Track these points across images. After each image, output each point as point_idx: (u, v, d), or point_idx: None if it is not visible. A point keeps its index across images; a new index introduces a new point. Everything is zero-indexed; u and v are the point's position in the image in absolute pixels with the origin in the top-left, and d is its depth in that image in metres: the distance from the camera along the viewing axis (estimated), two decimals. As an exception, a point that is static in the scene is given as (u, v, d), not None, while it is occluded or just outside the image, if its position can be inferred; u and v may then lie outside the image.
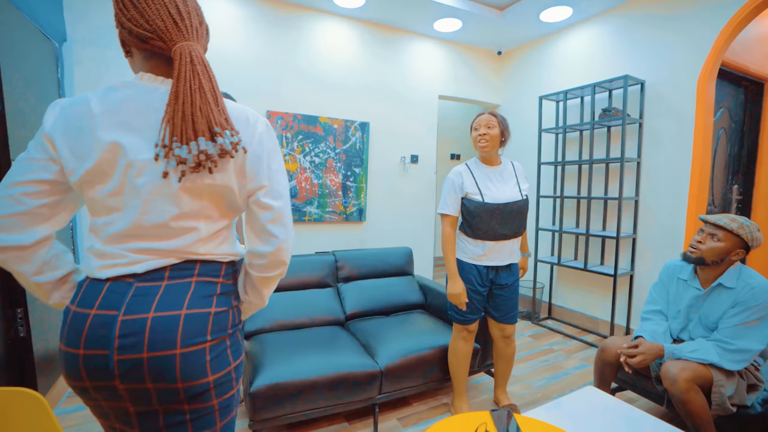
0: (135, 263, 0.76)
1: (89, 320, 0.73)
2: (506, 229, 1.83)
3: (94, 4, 2.48)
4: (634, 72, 2.90)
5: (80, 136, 0.74)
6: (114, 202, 0.76)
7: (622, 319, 3.04)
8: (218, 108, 0.75)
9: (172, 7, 0.76)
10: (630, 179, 2.99)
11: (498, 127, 1.83)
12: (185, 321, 0.75)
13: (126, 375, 0.72)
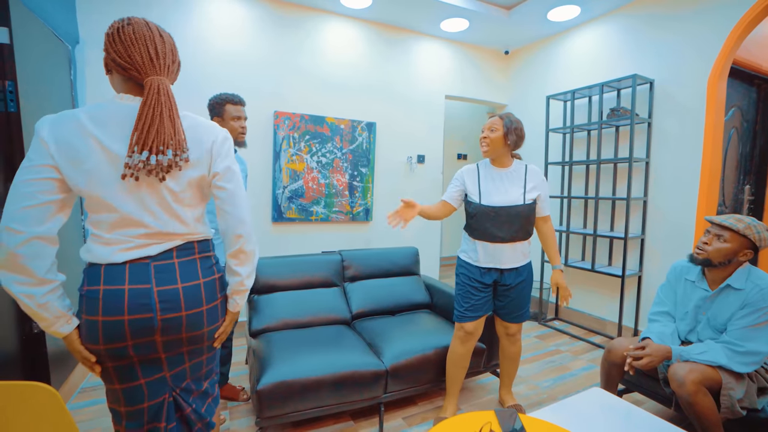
0: (145, 247, 0.98)
1: (126, 294, 0.93)
2: (501, 232, 1.81)
3: (105, 8, 2.52)
4: (643, 71, 2.87)
5: (74, 144, 0.90)
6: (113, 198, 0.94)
7: (630, 321, 3.02)
8: (174, 130, 0.95)
9: (152, 47, 0.95)
10: (638, 179, 2.96)
11: (501, 130, 1.81)
12: (205, 287, 1.05)
13: (166, 330, 0.98)
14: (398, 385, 2.00)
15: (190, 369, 1.09)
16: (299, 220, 3.17)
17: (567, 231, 3.30)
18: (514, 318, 1.96)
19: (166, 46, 0.99)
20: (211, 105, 1.95)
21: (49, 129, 0.90)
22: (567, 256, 3.35)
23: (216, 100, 1.94)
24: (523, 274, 1.93)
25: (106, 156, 0.92)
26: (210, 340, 1.09)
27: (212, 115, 1.95)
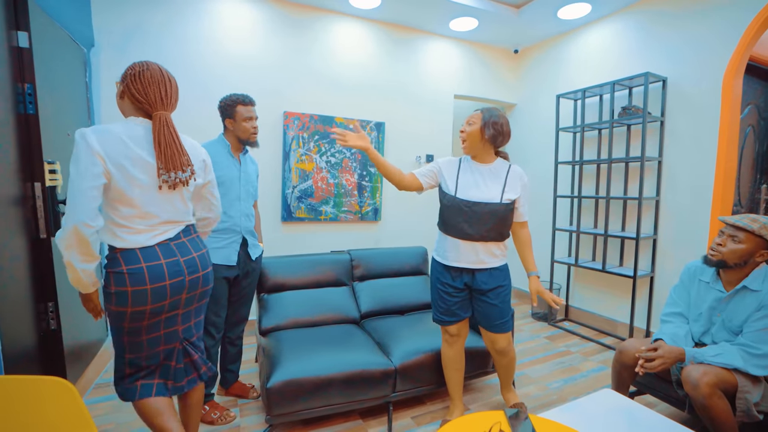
0: (166, 233, 1.32)
1: (164, 266, 1.28)
2: (472, 229, 1.72)
3: (120, 12, 2.57)
4: (656, 69, 2.83)
5: (123, 157, 1.21)
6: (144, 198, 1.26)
7: (641, 322, 2.97)
8: (185, 154, 1.32)
9: (163, 89, 1.28)
10: (651, 179, 2.92)
11: (478, 124, 1.73)
12: (207, 255, 1.45)
13: (190, 287, 1.36)
14: (407, 385, 2.00)
15: (195, 326, 1.46)
16: (308, 220, 3.20)
17: (577, 231, 3.26)
18: (495, 327, 1.83)
19: (172, 88, 1.33)
20: (222, 107, 1.96)
21: (99, 143, 1.17)
22: (577, 257, 3.32)
23: (227, 102, 1.95)
24: (498, 278, 1.80)
25: (146, 166, 1.25)
26: (209, 297, 1.50)
27: (224, 116, 1.96)
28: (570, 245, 3.53)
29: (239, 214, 1.98)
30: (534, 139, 3.93)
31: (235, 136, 1.97)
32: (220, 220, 1.75)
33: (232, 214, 1.96)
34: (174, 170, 1.27)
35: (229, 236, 1.96)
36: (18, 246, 1.64)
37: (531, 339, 3.14)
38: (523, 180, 1.81)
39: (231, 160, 1.97)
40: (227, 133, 1.99)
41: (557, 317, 3.58)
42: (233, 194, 1.96)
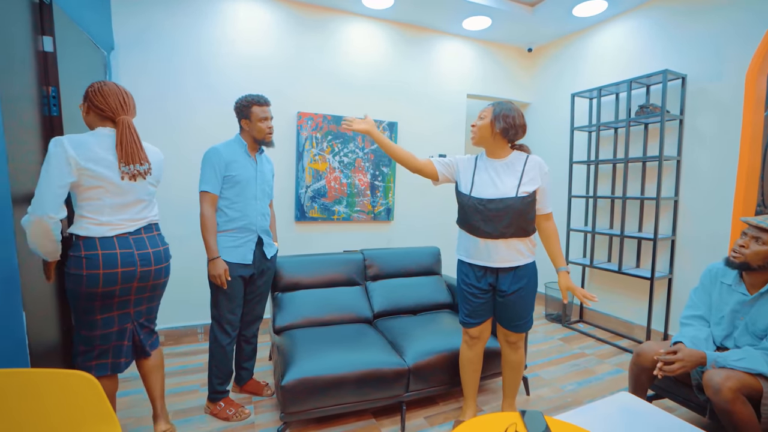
0: (126, 227, 1.51)
1: (119, 255, 1.46)
2: (488, 227, 1.67)
3: (139, 16, 2.63)
4: (675, 66, 2.77)
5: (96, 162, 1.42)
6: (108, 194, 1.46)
7: (659, 325, 2.92)
8: (143, 151, 1.53)
9: (121, 98, 1.51)
10: (669, 179, 2.86)
11: (488, 117, 1.69)
12: (164, 252, 1.63)
13: (141, 277, 1.53)
14: (420, 385, 2.00)
15: (146, 311, 1.65)
16: (321, 220, 3.22)
17: (592, 231, 3.22)
18: (513, 327, 1.81)
19: (129, 98, 1.55)
20: (237, 108, 1.99)
21: (72, 148, 1.37)
22: (592, 258, 3.27)
23: (242, 103, 1.97)
24: (523, 279, 1.74)
25: (110, 166, 1.46)
26: (163, 289, 1.68)
27: (240, 117, 1.98)
28: (585, 246, 3.48)
29: (255, 214, 2.00)
30: (548, 138, 3.88)
31: (251, 137, 1.99)
32: (233, 218, 1.93)
33: (248, 213, 1.98)
34: (132, 163, 1.48)
35: (245, 235, 1.99)
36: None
37: (545, 340, 3.11)
38: (543, 169, 1.72)
39: (248, 160, 1.99)
40: (243, 133, 2.01)
41: (571, 319, 3.54)
42: (249, 194, 1.98)
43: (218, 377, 2.01)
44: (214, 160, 1.90)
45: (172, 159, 2.77)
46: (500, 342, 1.93)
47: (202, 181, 1.92)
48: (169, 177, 2.75)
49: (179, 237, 2.83)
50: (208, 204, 1.90)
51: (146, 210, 1.59)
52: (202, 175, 1.92)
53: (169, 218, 2.79)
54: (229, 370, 2.05)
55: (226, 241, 1.94)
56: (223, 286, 1.90)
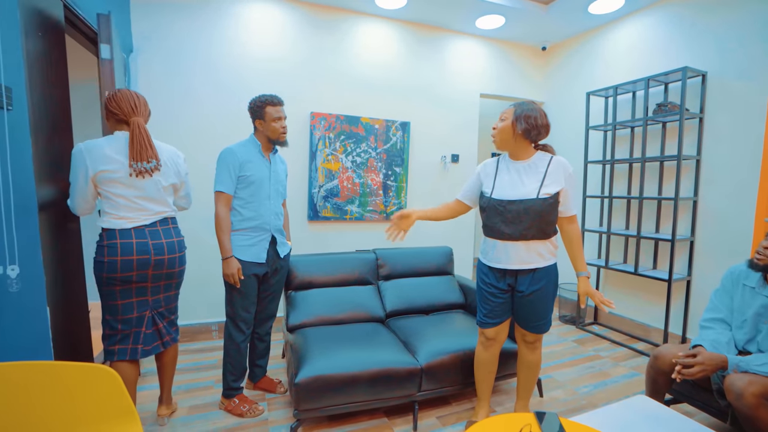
0: (142, 220, 1.65)
1: (134, 244, 1.62)
2: (509, 229, 1.66)
3: (155, 19, 2.68)
4: (694, 63, 2.71)
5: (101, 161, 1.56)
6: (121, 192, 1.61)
7: (677, 328, 2.86)
8: (150, 149, 1.63)
9: (132, 102, 1.64)
10: (688, 178, 2.80)
11: (510, 119, 1.67)
12: (177, 243, 1.76)
13: (156, 266, 1.67)
14: (433, 384, 2.00)
15: (165, 300, 1.79)
16: (334, 219, 3.23)
17: (608, 232, 3.17)
18: (531, 327, 1.80)
19: (140, 101, 1.67)
20: (251, 108, 2.00)
21: (89, 158, 1.54)
22: (608, 259, 3.22)
23: (256, 103, 1.98)
24: (542, 280, 1.71)
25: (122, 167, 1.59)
26: (179, 279, 1.81)
27: (254, 117, 2.00)
28: (600, 247, 3.43)
29: (269, 213, 2.02)
30: (562, 138, 3.83)
31: (265, 136, 2.01)
32: (247, 217, 1.97)
33: (262, 212, 2.00)
34: (140, 160, 1.60)
35: (259, 234, 2.00)
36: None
37: (559, 342, 3.07)
38: (567, 171, 1.68)
39: (262, 160, 2.01)
40: (257, 133, 2.03)
41: (585, 320, 3.49)
42: (263, 193, 2.00)
43: (232, 374, 2.04)
44: (228, 161, 1.92)
45: (192, 157, 2.82)
46: (518, 341, 1.91)
47: (217, 181, 1.93)
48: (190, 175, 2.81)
49: (194, 236, 2.88)
50: (223, 204, 1.92)
51: (160, 205, 1.71)
52: (217, 175, 1.94)
53: (184, 217, 2.83)
54: (243, 367, 2.07)
55: (240, 240, 1.96)
56: (236, 285, 1.92)
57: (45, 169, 1.57)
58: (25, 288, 1.36)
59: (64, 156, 1.71)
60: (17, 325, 1.34)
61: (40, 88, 1.54)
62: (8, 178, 1.27)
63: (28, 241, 1.38)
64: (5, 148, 1.25)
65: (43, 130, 1.57)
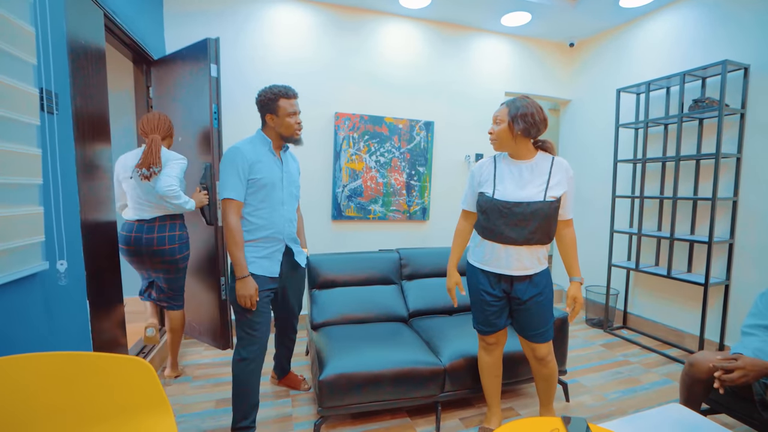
0: (144, 215, 2.13)
1: (122, 235, 2.10)
2: (513, 233, 1.58)
3: (189, 26, 2.77)
4: (735, 56, 2.58)
5: (121, 169, 2.15)
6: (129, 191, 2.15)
7: (713, 334, 2.73)
8: (151, 159, 2.02)
9: (153, 122, 2.15)
10: (727, 177, 2.67)
11: (506, 120, 1.59)
12: (168, 237, 2.14)
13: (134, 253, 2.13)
14: (456, 385, 1.99)
15: (164, 281, 2.24)
16: (358, 219, 3.26)
17: (638, 234, 3.05)
18: (533, 336, 1.71)
19: (161, 120, 2.16)
20: (261, 101, 1.75)
21: (116, 167, 2.12)
22: (638, 261, 3.10)
23: (267, 95, 1.73)
24: (539, 285, 1.66)
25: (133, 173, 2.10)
26: (170, 265, 2.17)
27: (264, 111, 1.76)
28: (630, 249, 3.31)
29: (282, 221, 1.80)
30: (590, 136, 3.73)
31: (277, 133, 1.76)
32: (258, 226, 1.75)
33: (275, 221, 1.77)
34: (142, 167, 2.01)
35: (272, 245, 1.78)
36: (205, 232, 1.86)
37: (585, 346, 2.99)
38: (568, 173, 1.63)
39: (273, 160, 1.78)
40: (267, 129, 1.78)
41: (614, 324, 3.38)
42: (276, 198, 1.77)
43: (240, 410, 1.75)
44: (237, 162, 1.67)
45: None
46: (528, 358, 1.82)
47: (224, 186, 1.67)
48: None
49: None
50: (233, 213, 1.67)
51: (157, 205, 2.11)
52: (223, 179, 1.68)
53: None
54: (254, 402, 1.79)
55: (249, 252, 1.73)
56: (252, 308, 1.70)
57: (85, 171, 1.65)
58: (69, 283, 1.44)
59: (102, 159, 1.80)
60: (62, 318, 1.42)
61: (83, 94, 1.63)
62: (57, 178, 1.34)
63: (71, 238, 1.46)
64: (55, 150, 1.32)
65: (85, 134, 1.66)
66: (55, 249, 1.33)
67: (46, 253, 1.28)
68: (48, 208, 1.30)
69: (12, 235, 1.11)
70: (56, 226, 1.32)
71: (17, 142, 1.13)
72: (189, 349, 2.76)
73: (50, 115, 1.33)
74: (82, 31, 1.62)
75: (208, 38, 2.19)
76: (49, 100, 1.32)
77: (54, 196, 1.32)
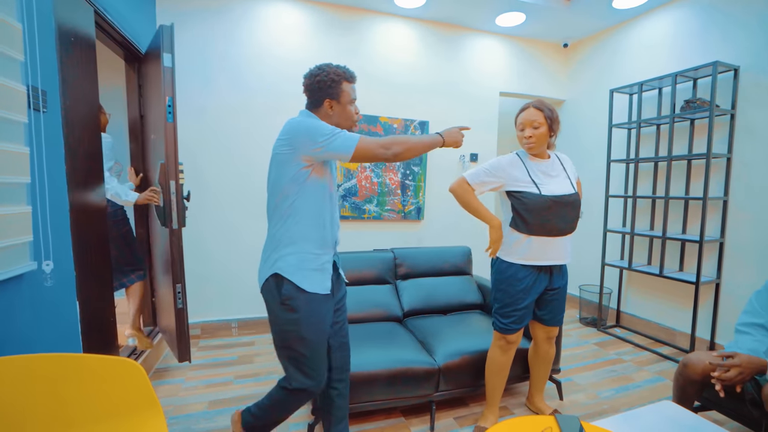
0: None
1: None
2: (563, 223, 1.70)
3: (183, 23, 2.74)
4: (726, 57, 2.60)
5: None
6: None
7: (704, 332, 2.75)
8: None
9: None
10: (717, 177, 2.69)
11: (545, 124, 1.69)
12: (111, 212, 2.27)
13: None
14: (450, 385, 1.99)
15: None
16: (352, 218, 3.25)
17: (631, 233, 3.08)
18: (557, 321, 1.89)
19: None
20: (321, 82, 1.40)
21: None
22: (631, 260, 3.13)
23: (330, 76, 1.40)
24: (565, 272, 1.86)
25: None
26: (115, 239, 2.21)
27: (323, 96, 1.41)
28: (623, 248, 3.33)
29: (334, 223, 1.45)
30: (584, 136, 3.75)
31: (335, 123, 1.43)
32: (313, 226, 1.38)
33: (327, 221, 1.41)
34: None
35: (324, 253, 1.41)
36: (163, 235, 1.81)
37: (579, 345, 3.01)
38: (572, 164, 1.87)
39: None
40: (323, 115, 1.43)
41: (607, 323, 3.40)
42: (327, 195, 1.42)
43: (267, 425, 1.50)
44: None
45: (211, 158, 2.88)
46: (540, 340, 1.95)
47: (346, 144, 1.30)
48: (209, 175, 2.88)
49: (218, 234, 2.95)
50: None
51: None
52: (331, 138, 1.31)
53: (208, 216, 2.90)
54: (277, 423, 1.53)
55: (302, 262, 1.36)
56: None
57: (75, 169, 1.62)
58: (58, 283, 1.41)
59: (92, 157, 1.77)
60: (50, 319, 1.40)
61: (72, 92, 1.60)
62: (44, 177, 1.32)
63: (60, 238, 1.43)
64: (41, 149, 1.30)
65: (74, 132, 1.63)
66: (41, 249, 1.30)
67: (34, 253, 1.26)
68: (35, 208, 1.28)
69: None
70: (42, 226, 1.30)
71: (4, 140, 1.11)
72: (182, 350, 2.73)
73: (38, 113, 1.31)
74: (71, 27, 1.60)
75: (162, 25, 1.90)
76: (36, 98, 1.30)
77: (41, 196, 1.30)
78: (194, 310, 2.92)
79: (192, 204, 2.84)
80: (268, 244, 1.43)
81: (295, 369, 1.41)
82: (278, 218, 1.39)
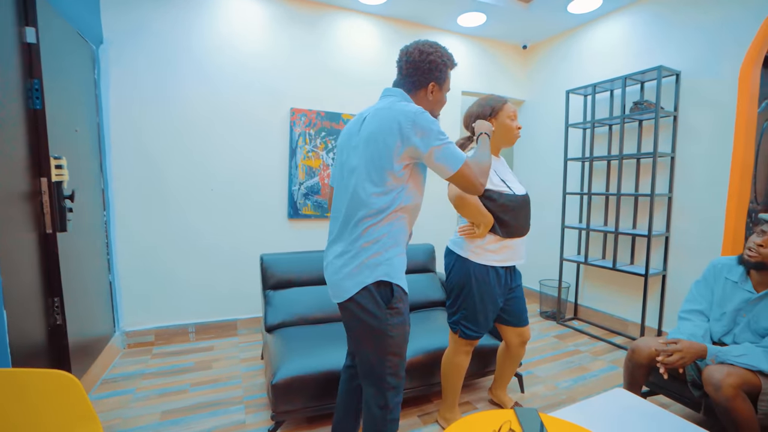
0: None
1: None
2: (527, 223, 1.71)
3: (129, 8, 2.57)
4: (669, 62, 2.77)
5: None
6: None
7: (653, 321, 2.91)
8: None
9: None
10: (663, 175, 2.86)
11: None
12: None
13: None
14: (414, 382, 1.98)
15: None
16: (315, 217, 3.18)
17: (587, 228, 3.21)
18: (525, 320, 1.85)
19: None
20: (432, 62, 1.31)
21: None
22: (587, 255, 3.26)
23: (443, 58, 1.33)
24: (518, 271, 1.87)
25: None
26: None
27: (428, 78, 1.33)
28: (579, 243, 3.47)
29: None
30: (543, 135, 3.88)
31: (430, 109, 1.34)
32: (409, 228, 1.32)
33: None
34: None
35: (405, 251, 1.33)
36: (26, 241, 1.65)
37: (539, 338, 3.10)
38: None
39: None
40: (419, 101, 1.36)
41: (565, 316, 3.53)
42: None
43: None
44: None
45: (168, 152, 2.73)
46: (514, 345, 1.89)
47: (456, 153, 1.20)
48: (167, 170, 2.73)
49: (172, 233, 2.79)
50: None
51: None
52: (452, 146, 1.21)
53: (160, 214, 2.75)
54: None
55: (403, 263, 1.29)
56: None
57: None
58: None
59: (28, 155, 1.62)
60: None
61: None
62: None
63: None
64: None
65: (0, 123, 1.48)
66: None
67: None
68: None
69: None
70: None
71: None
72: (132, 359, 2.57)
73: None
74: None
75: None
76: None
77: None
78: (146, 316, 2.76)
79: (142, 201, 2.68)
80: (351, 247, 1.22)
81: (399, 380, 1.31)
82: (373, 217, 1.20)
